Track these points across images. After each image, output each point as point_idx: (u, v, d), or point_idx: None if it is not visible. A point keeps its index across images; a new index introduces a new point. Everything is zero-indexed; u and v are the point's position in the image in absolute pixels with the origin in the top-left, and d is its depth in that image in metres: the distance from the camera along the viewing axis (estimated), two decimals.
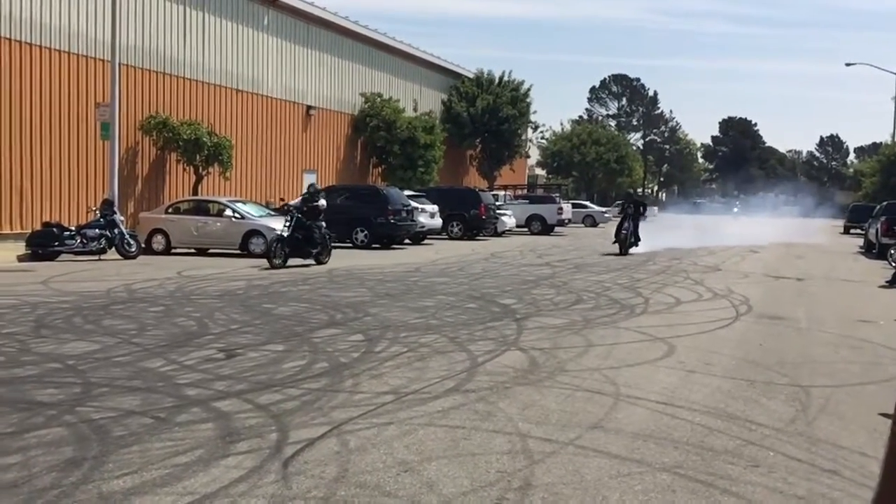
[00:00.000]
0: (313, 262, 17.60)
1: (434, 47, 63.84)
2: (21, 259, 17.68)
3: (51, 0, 21.38)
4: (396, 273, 15.92)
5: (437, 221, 28.07)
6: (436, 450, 4.88)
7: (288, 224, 17.35)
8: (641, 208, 23.79)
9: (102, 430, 5.13)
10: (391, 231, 24.10)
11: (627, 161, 73.12)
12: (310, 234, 17.38)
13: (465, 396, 6.18)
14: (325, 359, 7.49)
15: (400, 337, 8.71)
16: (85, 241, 18.02)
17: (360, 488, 4.22)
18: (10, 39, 20.32)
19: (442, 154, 37.95)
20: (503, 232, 32.69)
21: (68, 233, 18.12)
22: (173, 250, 20.53)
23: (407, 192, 27.59)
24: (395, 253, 22.15)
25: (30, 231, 19.08)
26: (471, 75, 45.90)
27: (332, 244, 18.81)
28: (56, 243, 17.81)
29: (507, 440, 5.10)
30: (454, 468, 4.55)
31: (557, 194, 42.38)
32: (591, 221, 46.43)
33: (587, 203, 52.17)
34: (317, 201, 18.17)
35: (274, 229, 20.15)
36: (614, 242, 22.79)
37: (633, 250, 22.66)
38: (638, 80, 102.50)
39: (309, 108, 32.44)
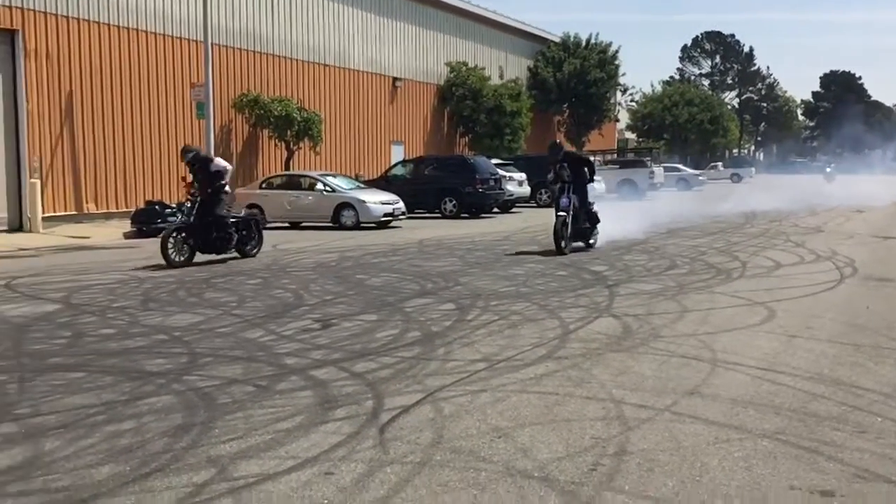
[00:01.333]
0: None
1: (519, 13, 63.11)
2: (127, 236, 18.52)
3: None
4: (486, 242, 15.93)
5: (526, 189, 27.91)
6: (529, 416, 4.89)
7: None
8: (586, 169, 14.07)
9: (208, 398, 5.35)
10: (479, 200, 24.10)
11: (722, 121, 70.75)
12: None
13: (558, 363, 6.17)
14: (418, 328, 7.58)
15: (491, 305, 8.73)
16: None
17: (455, 454, 4.27)
18: (108, 24, 21.11)
19: (529, 121, 37.59)
20: (593, 198, 32.19)
21: (169, 210, 18.86)
22: (268, 224, 21.08)
23: (494, 161, 27.50)
24: (484, 222, 22.16)
25: (134, 209, 19.94)
26: (557, 40, 45.15)
27: (420, 214, 18.74)
28: (158, 220, 18.56)
29: (601, 406, 5.07)
30: (548, 434, 4.56)
31: (649, 158, 41.43)
32: (685, 185, 45.24)
33: (680, 166, 50.81)
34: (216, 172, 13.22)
35: (364, 201, 20.49)
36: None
37: (575, 248, 13.88)
38: (732, 36, 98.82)
39: (395, 79, 32.60)
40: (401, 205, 21.20)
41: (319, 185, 21.16)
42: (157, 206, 19.09)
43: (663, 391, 5.38)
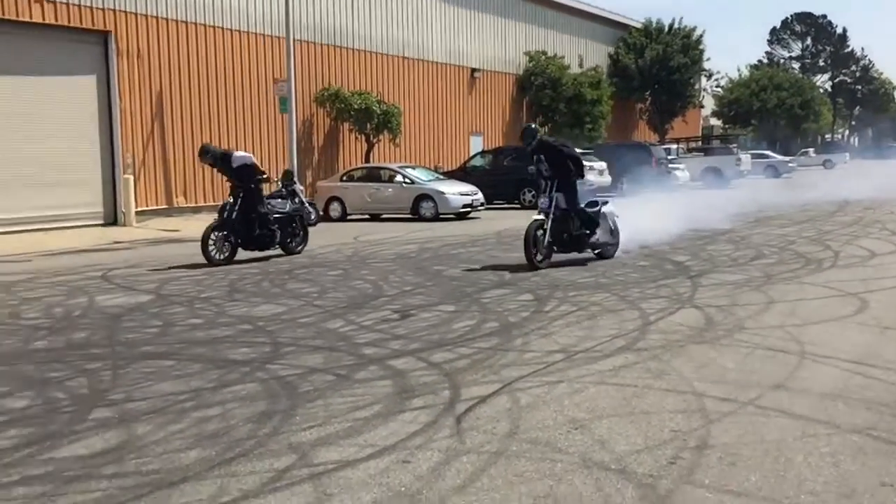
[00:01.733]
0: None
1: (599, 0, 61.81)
2: None
3: None
4: None
5: (607, 179, 27.50)
6: (607, 408, 4.84)
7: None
8: (571, 164, 11.08)
9: (290, 386, 5.48)
10: None
11: (814, 105, 68.12)
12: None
13: (637, 355, 6.07)
14: (495, 318, 7.58)
15: (569, 296, 8.66)
16: None
17: (532, 444, 4.26)
18: (195, 24, 21.76)
19: (609, 109, 37.03)
20: (676, 187, 31.51)
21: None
22: (349, 217, 21.41)
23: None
24: None
25: (221, 203, 20.52)
26: (638, 25, 44.29)
27: (499, 205, 18.65)
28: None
29: (682, 399, 4.97)
30: (626, 426, 4.50)
31: (735, 145, 40.24)
32: (774, 172, 43.79)
33: (768, 153, 49.19)
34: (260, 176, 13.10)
35: (443, 193, 20.58)
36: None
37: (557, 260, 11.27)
38: (824, 17, 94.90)
39: (473, 70, 32.57)
40: (479, 196, 21.21)
41: (399, 177, 21.36)
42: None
43: (747, 384, 5.24)
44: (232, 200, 12.57)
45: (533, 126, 11.44)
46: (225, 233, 12.33)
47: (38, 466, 4.13)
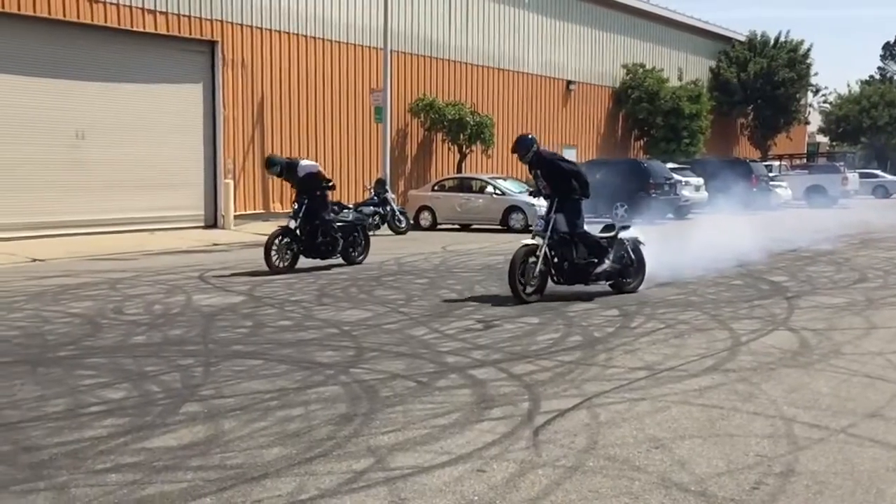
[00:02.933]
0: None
1: (701, 11, 60.47)
2: None
3: None
4: (654, 249, 15.44)
5: (703, 195, 26.84)
6: (690, 428, 4.72)
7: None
8: (574, 181, 9.62)
9: (372, 391, 5.57)
10: (652, 206, 23.45)
11: None
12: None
13: (725, 376, 5.91)
14: (579, 332, 7.51)
15: (657, 313, 8.50)
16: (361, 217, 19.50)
17: (609, 461, 4.20)
18: (297, 34, 22.40)
19: (709, 124, 36.14)
20: (777, 205, 30.49)
21: (347, 210, 19.70)
22: (439, 226, 21.58)
23: (670, 165, 26.67)
24: (657, 228, 21.52)
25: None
26: (742, 38, 43.11)
27: (590, 219, 18.34)
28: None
29: (769, 423, 4.80)
30: (709, 448, 4.38)
31: (842, 163, 38.62)
32: (883, 192, 41.81)
33: (878, 172, 47.01)
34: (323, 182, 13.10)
35: (533, 205, 20.49)
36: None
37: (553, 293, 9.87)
38: None
39: (569, 83, 32.37)
40: None
41: (489, 188, 21.41)
42: (335, 207, 19.97)
43: (840, 411, 5.02)
44: (296, 207, 12.57)
45: (529, 136, 9.93)
46: (288, 240, 12.30)
47: (130, 455, 4.33)
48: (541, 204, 20.73)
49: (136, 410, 5.14)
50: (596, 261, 9.60)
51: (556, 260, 9.48)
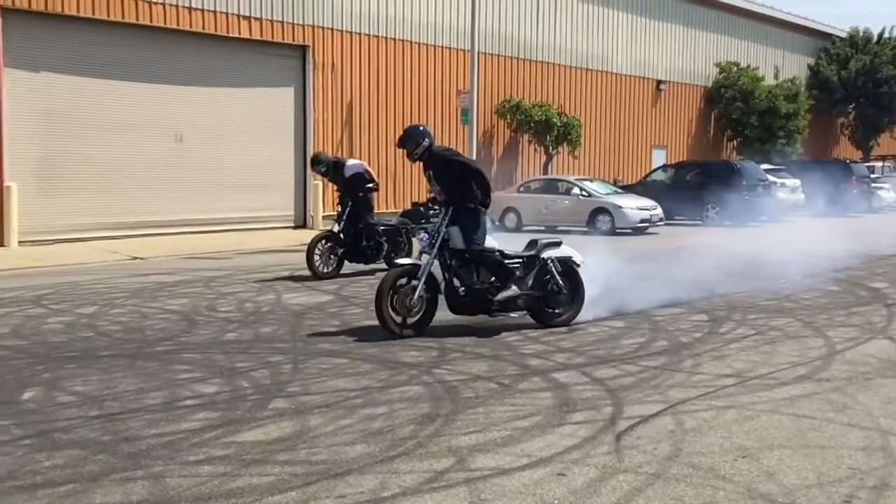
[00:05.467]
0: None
1: (799, 7, 58.39)
2: None
3: (420, 0, 23.48)
4: (747, 251, 15.04)
5: (800, 197, 25.93)
6: (778, 438, 4.59)
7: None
8: (473, 184, 7.76)
9: (454, 391, 5.62)
10: (745, 208, 22.79)
11: None
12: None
13: (818, 385, 5.71)
14: (665, 337, 7.39)
15: (748, 319, 8.27)
16: None
17: (693, 469, 4.13)
18: (385, 37, 22.72)
19: (807, 124, 34.87)
20: (880, 208, 29.19)
21: (433, 211, 19.79)
22: (524, 228, 21.51)
23: (765, 166, 25.87)
24: (750, 231, 20.92)
25: (400, 210, 21.27)
26: (843, 35, 41.40)
27: (679, 221, 17.98)
28: (423, 221, 19.54)
29: (864, 435, 4.63)
30: (798, 459, 4.25)
31: None
32: None
33: None
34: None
35: (620, 207, 20.22)
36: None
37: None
38: None
39: (659, 82, 31.77)
40: (659, 211, 20.65)
41: (576, 190, 21.23)
42: (421, 208, 20.06)
43: None
44: (340, 210, 12.14)
45: (420, 127, 8.14)
46: (331, 244, 11.81)
47: (221, 448, 4.50)
48: (629, 205, 20.64)
49: (228, 405, 5.33)
50: (498, 284, 7.65)
51: (451, 283, 7.61)
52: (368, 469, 4.17)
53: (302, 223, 21.12)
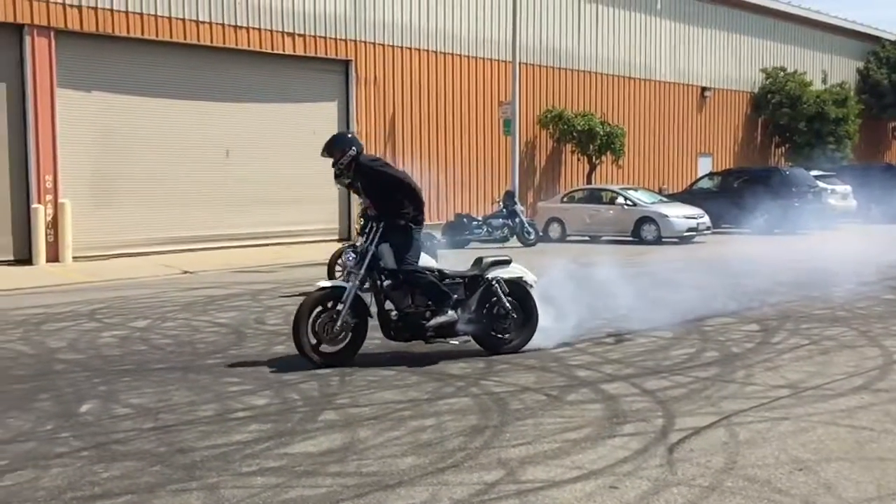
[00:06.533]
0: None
1: (846, 11, 57.30)
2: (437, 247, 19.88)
3: (461, 13, 23.60)
4: (799, 259, 14.77)
5: (851, 203, 25.42)
6: (836, 450, 4.49)
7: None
8: (403, 198, 7.18)
9: (502, 403, 5.60)
10: (795, 215, 22.38)
11: None
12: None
13: (876, 396, 5.58)
14: (716, 348, 7.28)
15: (801, 328, 8.12)
16: (490, 230, 19.66)
17: (749, 482, 4.06)
18: (427, 50, 22.86)
19: (857, 128, 34.16)
20: None
21: (476, 223, 19.92)
22: (568, 238, 21.41)
23: (814, 173, 25.40)
24: (800, 238, 20.54)
25: (444, 222, 21.34)
26: (893, 38, 40.53)
27: (726, 229, 17.67)
28: (466, 232, 19.69)
29: None
30: (857, 472, 4.15)
31: None
32: None
33: None
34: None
35: (666, 215, 20.01)
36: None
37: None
38: None
39: (703, 89, 31.42)
40: (705, 219, 20.40)
41: (620, 199, 21.08)
42: (465, 219, 20.25)
43: None
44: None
45: (348, 135, 7.50)
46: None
47: (273, 459, 4.55)
48: (675, 214, 20.42)
49: (278, 417, 5.39)
50: (433, 308, 6.95)
51: (384, 307, 6.99)
52: (419, 481, 4.18)
53: (346, 236, 21.29)
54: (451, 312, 6.95)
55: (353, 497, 3.99)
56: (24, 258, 15.50)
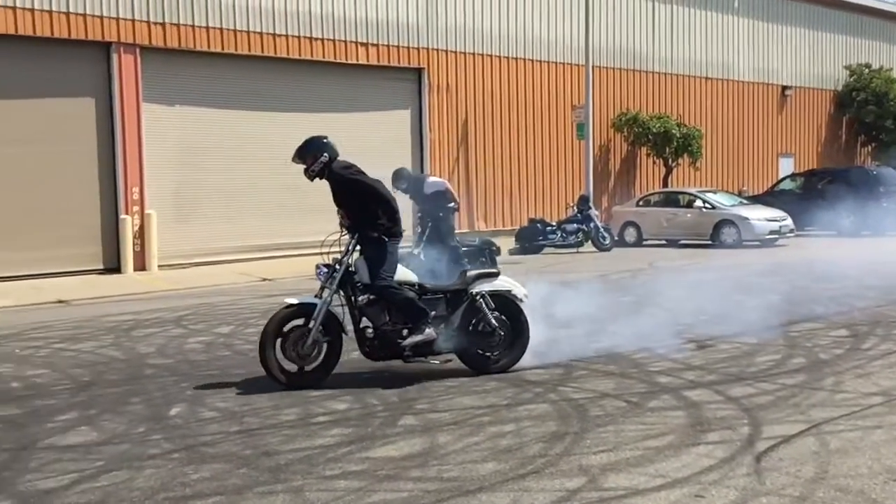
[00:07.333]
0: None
1: None
2: (511, 252, 19.79)
3: (532, 17, 23.55)
4: (888, 262, 14.20)
5: None
6: None
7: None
8: (377, 208, 6.89)
9: (581, 409, 5.56)
10: (884, 217, 21.52)
11: None
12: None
13: None
14: (803, 354, 7.06)
15: (892, 334, 7.82)
16: (564, 235, 19.51)
17: (841, 492, 3.93)
18: (499, 56, 22.86)
19: None
20: None
21: (550, 228, 19.80)
22: (644, 242, 21.09)
23: None
24: (890, 240, 19.75)
25: (518, 227, 21.28)
26: None
27: (811, 232, 17.09)
28: (540, 238, 19.59)
29: None
30: None
31: None
32: None
33: None
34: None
35: (746, 218, 19.52)
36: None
37: None
38: None
39: (784, 88, 30.55)
40: (788, 222, 19.82)
41: (698, 202, 20.66)
42: (538, 224, 20.15)
43: None
44: (419, 231, 11.56)
45: (323, 139, 6.98)
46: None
47: (356, 463, 4.61)
48: (756, 216, 19.90)
49: (359, 421, 5.46)
50: (410, 326, 6.53)
51: (360, 324, 6.62)
52: (500, 487, 4.17)
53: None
54: (428, 331, 6.51)
55: (434, 502, 4.01)
56: (113, 267, 16.10)
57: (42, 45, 15.31)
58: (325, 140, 6.89)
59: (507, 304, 6.85)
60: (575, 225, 19.64)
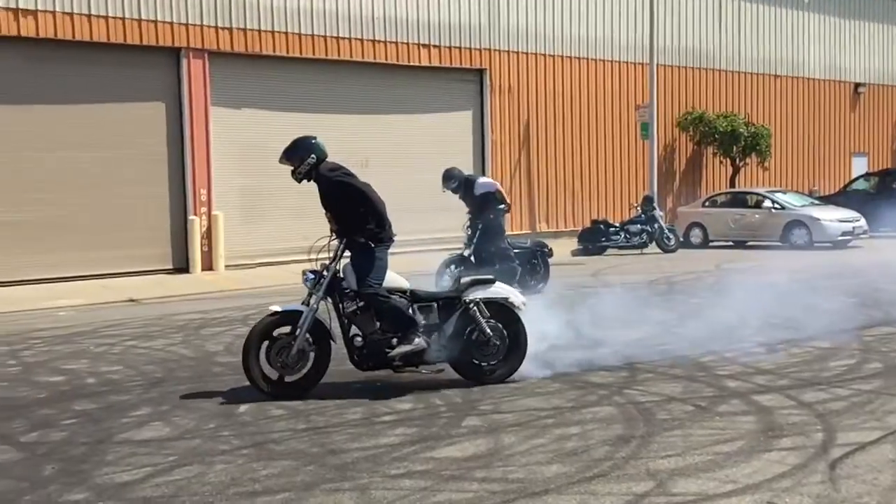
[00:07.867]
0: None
1: None
2: (574, 253, 19.63)
3: (595, 17, 23.35)
4: None
5: None
6: None
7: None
8: (367, 213, 6.69)
9: (647, 413, 5.48)
10: None
11: None
12: None
13: None
14: (879, 359, 6.84)
15: None
16: (628, 236, 19.26)
17: None
18: (561, 56, 22.70)
19: None
20: None
21: (613, 229, 19.57)
22: (711, 243, 20.69)
23: None
24: None
25: (580, 228, 21.09)
26: None
27: (886, 233, 16.57)
28: (603, 239, 19.39)
29: None
30: None
31: None
32: None
33: None
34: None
35: (818, 219, 19.00)
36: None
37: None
38: None
39: (857, 85, 29.64)
40: (862, 222, 19.22)
41: (767, 203, 20.18)
42: (601, 225, 19.94)
43: None
44: (470, 233, 11.67)
45: (311, 140, 6.69)
46: (462, 268, 10.99)
47: (420, 463, 4.63)
48: (828, 217, 19.32)
49: (423, 421, 5.48)
50: (399, 335, 6.32)
51: (349, 332, 6.44)
52: (566, 489, 4.14)
53: None
54: (417, 340, 6.27)
55: (500, 503, 4.00)
56: (181, 267, 16.50)
57: (115, 52, 15.79)
58: (313, 141, 6.64)
59: (503, 311, 6.59)
60: (639, 226, 19.38)
